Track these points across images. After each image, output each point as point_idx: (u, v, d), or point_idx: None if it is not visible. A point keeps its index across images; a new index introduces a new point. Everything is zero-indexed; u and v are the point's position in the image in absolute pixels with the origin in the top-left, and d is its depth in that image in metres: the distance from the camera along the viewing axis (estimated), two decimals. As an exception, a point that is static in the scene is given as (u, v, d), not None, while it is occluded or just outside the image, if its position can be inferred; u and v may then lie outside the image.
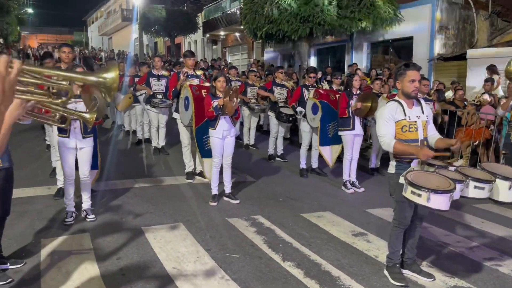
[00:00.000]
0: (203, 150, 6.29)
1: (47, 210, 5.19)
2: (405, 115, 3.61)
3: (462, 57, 12.04)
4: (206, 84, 6.51)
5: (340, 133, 6.72)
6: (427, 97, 7.30)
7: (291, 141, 10.35)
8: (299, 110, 7.40)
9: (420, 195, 3.19)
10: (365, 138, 8.07)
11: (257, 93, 8.93)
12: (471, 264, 4.23)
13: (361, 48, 15.37)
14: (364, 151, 8.33)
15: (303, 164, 7.44)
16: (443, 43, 12.96)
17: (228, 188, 5.90)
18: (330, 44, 16.35)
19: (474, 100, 8.37)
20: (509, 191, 3.49)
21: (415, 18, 13.08)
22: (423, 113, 3.71)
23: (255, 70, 11.52)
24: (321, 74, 13.56)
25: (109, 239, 4.41)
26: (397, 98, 3.73)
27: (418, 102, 3.76)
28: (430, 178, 3.32)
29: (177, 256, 4.08)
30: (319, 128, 6.98)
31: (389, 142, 3.57)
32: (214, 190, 5.80)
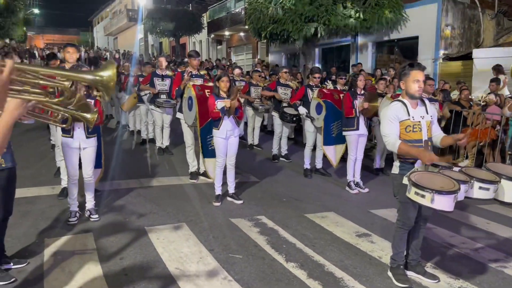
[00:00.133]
0: (207, 150, 6.28)
1: (51, 209, 5.21)
2: (409, 115, 3.59)
3: (468, 56, 11.97)
4: (210, 84, 6.51)
5: (344, 133, 6.69)
6: (432, 97, 7.25)
7: (296, 141, 10.32)
8: (302, 111, 7.39)
9: (424, 196, 3.17)
10: (369, 138, 8.03)
11: (261, 93, 8.92)
12: (476, 265, 4.19)
13: (366, 48, 15.31)
14: (368, 151, 8.29)
15: (307, 164, 7.42)
16: (449, 43, 12.88)
17: (231, 188, 5.89)
18: (334, 44, 16.28)
19: (480, 100, 8.31)
20: (514, 192, 3.46)
21: (421, 18, 13.01)
22: (427, 113, 3.68)
23: (259, 70, 11.51)
24: (325, 74, 13.54)
25: (112, 239, 4.41)
26: (401, 98, 3.70)
27: (422, 102, 3.73)
28: (434, 178, 3.29)
29: (180, 256, 4.07)
30: (323, 127, 6.95)
31: (394, 142, 3.54)
32: (218, 190, 5.79)
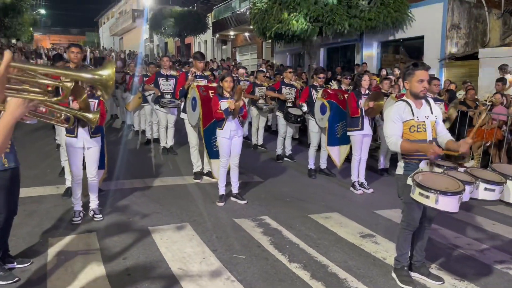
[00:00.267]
0: (212, 151, 6.28)
1: (56, 209, 5.23)
2: (413, 115, 3.55)
3: (474, 56, 11.88)
4: (213, 84, 6.50)
5: (348, 133, 6.66)
6: (438, 97, 7.20)
7: (300, 141, 10.30)
8: (304, 109, 7.36)
9: (428, 197, 3.13)
10: (374, 138, 7.99)
11: (265, 93, 8.91)
12: (482, 267, 4.15)
13: (371, 47, 15.24)
14: (373, 152, 8.25)
15: (312, 164, 7.39)
16: (455, 42, 12.79)
17: (235, 188, 5.88)
18: (340, 43, 16.23)
19: (486, 100, 8.24)
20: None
21: (426, 17, 12.93)
22: (432, 113, 3.65)
23: (264, 70, 11.50)
24: (330, 74, 13.50)
25: (116, 239, 4.42)
26: (405, 98, 3.67)
27: (427, 102, 3.69)
28: (438, 179, 3.26)
29: (183, 256, 4.07)
30: (327, 128, 6.92)
31: (396, 142, 3.51)
32: (221, 190, 5.79)
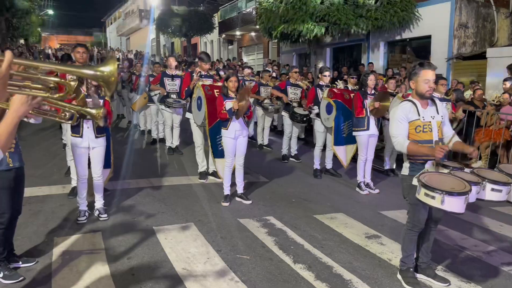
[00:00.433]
0: (218, 151, 6.27)
1: (61, 209, 5.25)
2: (419, 115, 3.52)
3: (481, 56, 11.78)
4: (219, 83, 6.50)
5: (354, 133, 6.62)
6: (445, 97, 7.13)
7: (306, 141, 10.27)
8: (316, 111, 7.32)
9: (434, 197, 3.10)
10: (381, 138, 7.93)
11: (271, 93, 8.89)
12: (488, 269, 4.10)
13: (377, 47, 15.16)
14: (379, 152, 8.20)
15: (317, 164, 7.36)
16: (462, 42, 12.68)
17: (240, 188, 5.87)
18: (346, 43, 16.16)
19: (494, 100, 8.16)
20: (528, 194, 3.37)
21: (434, 17, 12.83)
22: (438, 113, 3.61)
23: (269, 70, 11.48)
24: (337, 74, 13.45)
25: (120, 239, 4.42)
26: (411, 98, 3.64)
27: (433, 102, 3.66)
28: (444, 179, 3.22)
29: (187, 256, 4.06)
30: (334, 127, 6.89)
31: (402, 143, 3.48)
32: (226, 191, 5.78)
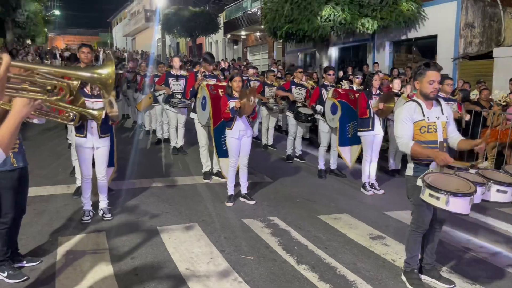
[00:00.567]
0: (222, 150, 6.27)
1: (66, 208, 5.27)
2: (423, 116, 3.49)
3: (488, 55, 11.69)
4: (223, 83, 6.50)
5: (359, 133, 6.60)
6: (451, 97, 7.08)
7: (310, 141, 10.24)
8: (319, 108, 7.28)
9: (438, 198, 3.08)
10: (386, 139, 7.89)
11: (275, 93, 8.88)
12: (494, 270, 4.07)
13: (383, 47, 15.10)
14: (384, 152, 8.15)
15: (321, 165, 7.34)
16: (469, 42, 12.60)
17: (244, 188, 5.87)
18: (351, 43, 16.11)
19: (500, 100, 8.10)
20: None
21: (440, 16, 12.75)
22: (443, 113, 3.58)
23: (274, 70, 11.46)
24: (342, 74, 13.41)
25: (124, 239, 4.43)
26: (415, 98, 3.61)
27: (438, 102, 3.63)
28: (449, 180, 3.20)
29: (190, 256, 4.06)
30: (338, 128, 6.87)
31: (407, 144, 3.46)
32: (230, 191, 5.78)
